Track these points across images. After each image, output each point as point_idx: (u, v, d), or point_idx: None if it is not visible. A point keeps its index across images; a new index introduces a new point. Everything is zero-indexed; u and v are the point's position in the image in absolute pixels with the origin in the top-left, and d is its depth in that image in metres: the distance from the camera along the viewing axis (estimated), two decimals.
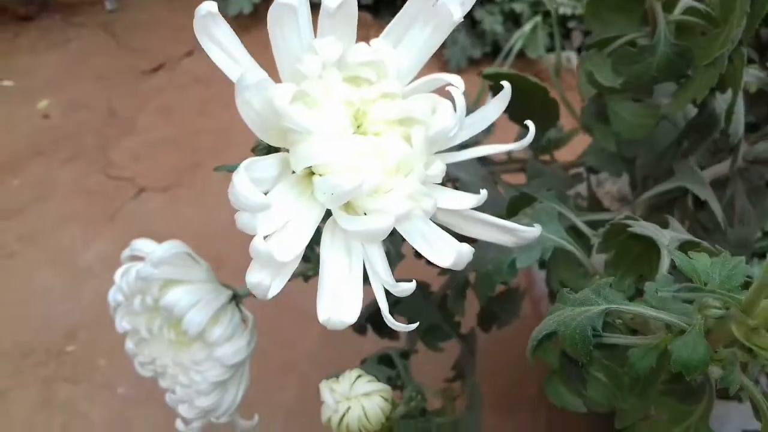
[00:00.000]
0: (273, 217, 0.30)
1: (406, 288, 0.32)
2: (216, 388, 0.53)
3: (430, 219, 0.34)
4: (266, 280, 0.28)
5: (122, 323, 0.56)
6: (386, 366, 0.60)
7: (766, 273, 0.25)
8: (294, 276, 0.31)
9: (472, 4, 0.35)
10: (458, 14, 0.34)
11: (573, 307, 0.32)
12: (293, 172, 0.33)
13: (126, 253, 0.56)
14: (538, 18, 1.54)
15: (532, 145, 0.73)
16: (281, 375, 1.09)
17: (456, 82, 0.34)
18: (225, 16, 0.34)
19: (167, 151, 1.48)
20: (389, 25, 0.35)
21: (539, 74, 1.52)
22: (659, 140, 0.53)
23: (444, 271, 0.63)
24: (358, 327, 0.73)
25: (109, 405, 1.08)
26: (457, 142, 0.36)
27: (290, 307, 1.17)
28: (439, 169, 0.34)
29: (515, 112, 0.69)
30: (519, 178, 0.74)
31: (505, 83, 0.36)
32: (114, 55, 1.74)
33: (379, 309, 0.72)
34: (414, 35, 0.35)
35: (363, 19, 1.82)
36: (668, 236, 0.36)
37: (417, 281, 0.69)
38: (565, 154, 0.79)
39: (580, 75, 0.48)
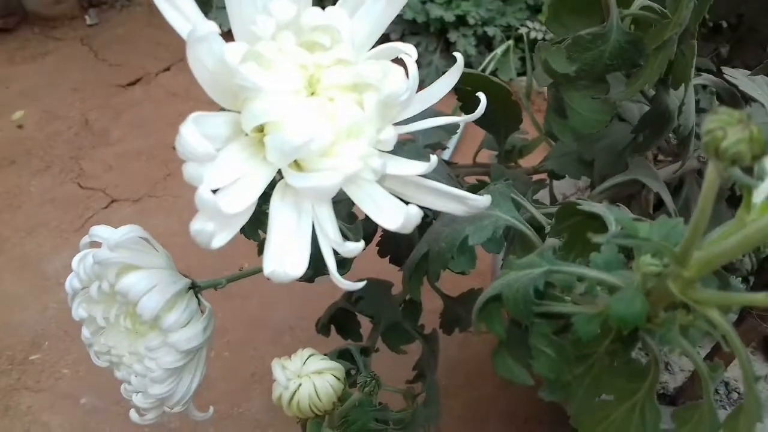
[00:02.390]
0: (221, 171, 0.31)
1: (353, 248, 0.32)
2: (170, 375, 0.52)
3: (382, 186, 0.34)
4: (209, 227, 0.28)
5: (78, 311, 0.55)
6: (346, 361, 0.60)
7: (695, 221, 0.25)
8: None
9: None
10: None
11: (517, 270, 0.32)
12: (246, 135, 0.33)
13: (85, 239, 0.55)
14: (510, 42, 1.56)
15: (497, 150, 0.74)
16: (250, 387, 1.08)
17: (409, 51, 0.35)
18: None
19: (140, 162, 1.48)
20: None
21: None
22: (616, 141, 0.54)
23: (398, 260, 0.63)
24: (322, 327, 0.72)
25: (71, 415, 1.06)
26: (411, 113, 0.37)
27: (260, 321, 1.16)
28: (390, 135, 0.34)
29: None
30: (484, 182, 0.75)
31: (458, 55, 0.37)
32: (91, 68, 1.74)
33: (342, 309, 0.72)
34: (369, 6, 0.36)
35: None
36: (615, 214, 0.37)
37: (379, 279, 0.69)
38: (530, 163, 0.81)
39: (536, 64, 0.49)
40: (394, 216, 0.33)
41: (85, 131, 1.57)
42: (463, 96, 0.68)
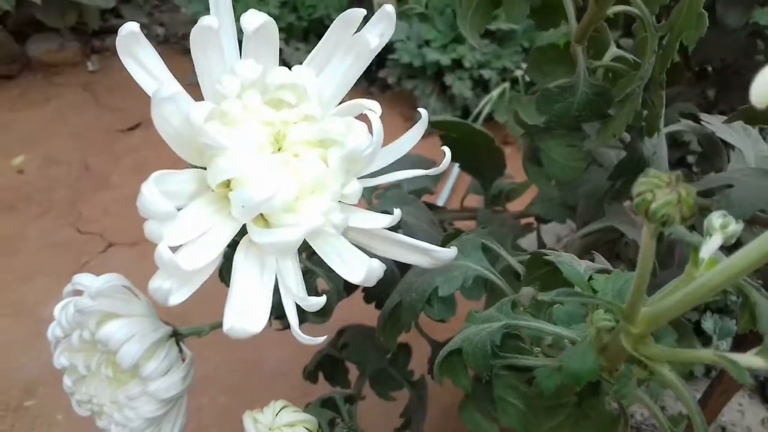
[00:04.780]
0: (184, 228, 0.31)
1: (315, 303, 0.32)
2: (150, 424, 0.52)
3: (349, 240, 0.35)
4: (166, 285, 0.29)
5: (60, 359, 0.55)
6: (330, 410, 0.60)
7: (637, 281, 0.26)
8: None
9: (390, 34, 0.37)
10: (375, 43, 0.36)
11: (477, 324, 0.33)
12: (213, 191, 0.34)
13: (68, 287, 0.56)
14: (506, 84, 1.58)
15: (484, 195, 0.75)
16: None
17: (373, 107, 0.35)
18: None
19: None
20: (312, 52, 0.37)
21: (506, 137, 1.55)
22: (595, 187, 0.54)
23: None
24: (309, 374, 0.72)
25: None
26: (376, 167, 0.37)
27: (255, 366, 1.16)
28: (354, 189, 0.34)
29: (464, 160, 0.71)
30: (471, 226, 0.75)
31: (422, 112, 0.37)
32: (92, 113, 1.76)
33: (328, 356, 0.72)
34: (336, 63, 0.37)
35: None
36: (584, 265, 0.37)
37: (364, 325, 0.69)
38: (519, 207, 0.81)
39: (508, 116, 0.50)
40: (357, 269, 0.33)
41: (86, 176, 1.58)
42: (448, 142, 0.69)
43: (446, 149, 0.37)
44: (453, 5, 1.64)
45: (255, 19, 0.34)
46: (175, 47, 1.97)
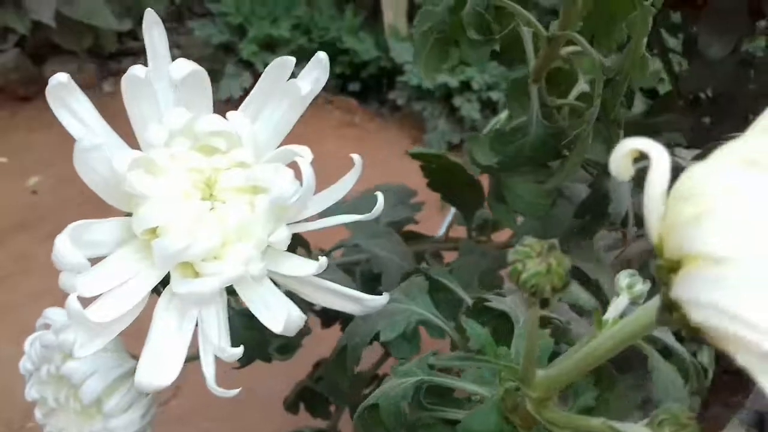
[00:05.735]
0: (101, 278, 0.31)
1: (234, 353, 0.32)
2: None
3: (283, 286, 0.35)
4: (70, 337, 0.29)
5: (31, 392, 0.56)
6: None
7: (527, 346, 0.25)
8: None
9: (325, 80, 0.37)
10: (307, 90, 0.36)
11: (398, 378, 0.32)
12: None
13: (40, 321, 0.56)
14: None
15: (466, 225, 0.74)
16: None
17: (303, 153, 0.35)
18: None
19: None
20: (247, 98, 0.37)
21: None
22: (563, 222, 0.53)
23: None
24: (289, 405, 0.72)
25: None
26: (311, 212, 0.37)
27: (252, 394, 1.16)
28: (282, 236, 0.34)
29: (444, 191, 0.70)
30: (454, 257, 0.74)
31: (356, 157, 0.37)
32: None
33: (307, 388, 0.71)
34: (271, 109, 0.37)
35: (348, 104, 1.85)
36: (475, 328, 0.36)
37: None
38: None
39: (466, 155, 0.49)
40: (277, 319, 0.33)
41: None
42: (429, 173, 0.69)
43: (379, 194, 0.37)
44: None
45: (183, 67, 0.34)
46: None
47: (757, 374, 0.17)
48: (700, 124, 0.85)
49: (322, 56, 0.36)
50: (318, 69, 0.37)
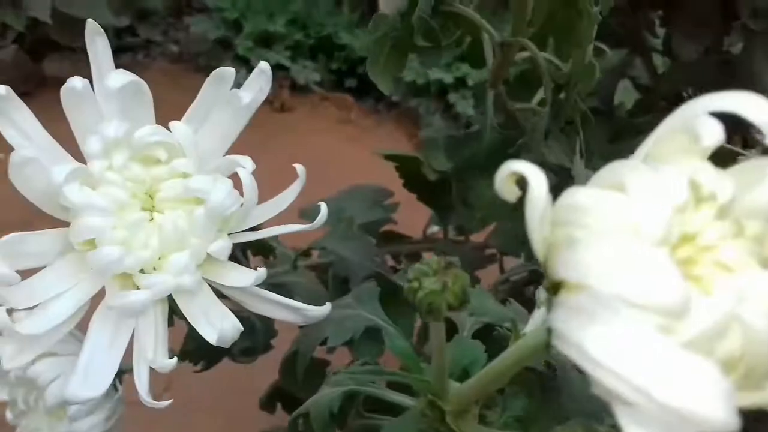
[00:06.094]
0: (35, 290, 0.31)
1: (167, 364, 0.32)
2: None
3: (219, 296, 0.35)
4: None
5: (1, 394, 0.56)
6: None
7: (435, 360, 0.25)
8: None
9: (268, 90, 0.37)
10: (248, 99, 0.36)
11: (330, 387, 0.32)
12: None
13: None
14: None
15: (442, 226, 0.74)
16: None
17: (244, 163, 0.35)
18: None
19: None
20: (190, 108, 0.37)
21: None
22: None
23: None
24: (264, 404, 0.72)
25: None
26: (256, 222, 0.37)
27: (247, 386, 1.16)
28: (221, 246, 0.34)
29: (419, 192, 0.70)
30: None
31: (299, 167, 0.37)
32: None
33: (279, 387, 0.71)
34: (215, 119, 0.37)
35: (345, 101, 1.85)
36: (471, 321, 0.36)
37: (315, 359, 0.69)
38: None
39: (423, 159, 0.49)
40: (211, 331, 0.33)
41: None
42: (403, 174, 0.69)
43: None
44: None
45: (119, 78, 0.34)
46: (189, 65, 1.99)
47: (613, 409, 0.16)
48: None
49: (264, 66, 0.36)
50: (262, 79, 0.37)
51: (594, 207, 0.18)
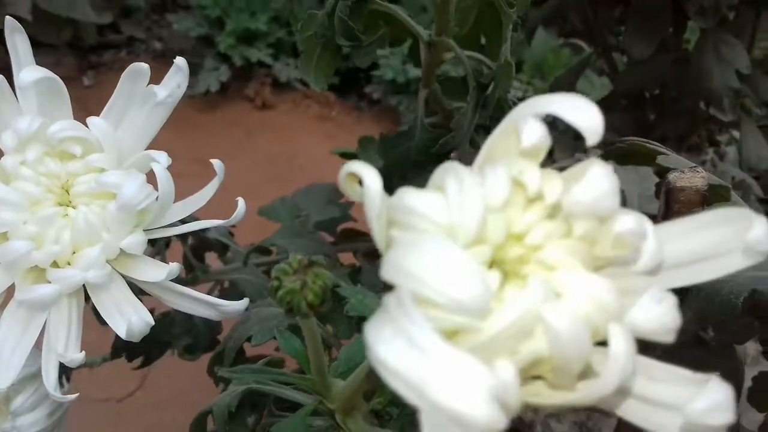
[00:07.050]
0: None
1: (77, 359, 0.32)
2: None
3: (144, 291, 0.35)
4: None
5: None
6: None
7: (313, 360, 0.25)
8: None
9: (185, 86, 0.37)
10: (163, 95, 0.36)
11: (233, 386, 0.33)
12: None
13: None
14: None
15: None
16: None
17: (160, 159, 0.36)
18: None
19: None
20: (107, 104, 0.37)
21: None
22: None
23: None
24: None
25: None
26: (175, 218, 0.37)
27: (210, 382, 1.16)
28: (135, 241, 0.35)
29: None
30: None
31: (216, 164, 0.37)
32: None
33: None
34: (133, 115, 0.37)
35: (326, 98, 1.85)
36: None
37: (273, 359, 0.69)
38: None
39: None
40: (120, 325, 0.33)
41: None
42: None
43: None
44: None
45: (30, 74, 0.34)
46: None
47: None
48: (645, 121, 0.85)
49: (181, 63, 0.37)
50: (179, 75, 0.37)
51: (418, 208, 0.19)
